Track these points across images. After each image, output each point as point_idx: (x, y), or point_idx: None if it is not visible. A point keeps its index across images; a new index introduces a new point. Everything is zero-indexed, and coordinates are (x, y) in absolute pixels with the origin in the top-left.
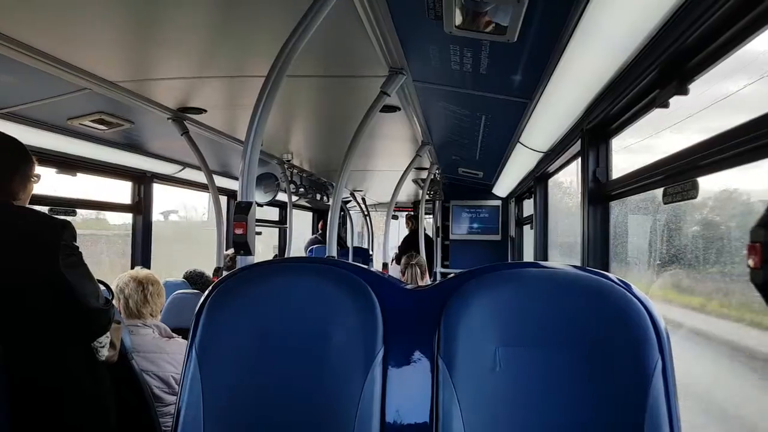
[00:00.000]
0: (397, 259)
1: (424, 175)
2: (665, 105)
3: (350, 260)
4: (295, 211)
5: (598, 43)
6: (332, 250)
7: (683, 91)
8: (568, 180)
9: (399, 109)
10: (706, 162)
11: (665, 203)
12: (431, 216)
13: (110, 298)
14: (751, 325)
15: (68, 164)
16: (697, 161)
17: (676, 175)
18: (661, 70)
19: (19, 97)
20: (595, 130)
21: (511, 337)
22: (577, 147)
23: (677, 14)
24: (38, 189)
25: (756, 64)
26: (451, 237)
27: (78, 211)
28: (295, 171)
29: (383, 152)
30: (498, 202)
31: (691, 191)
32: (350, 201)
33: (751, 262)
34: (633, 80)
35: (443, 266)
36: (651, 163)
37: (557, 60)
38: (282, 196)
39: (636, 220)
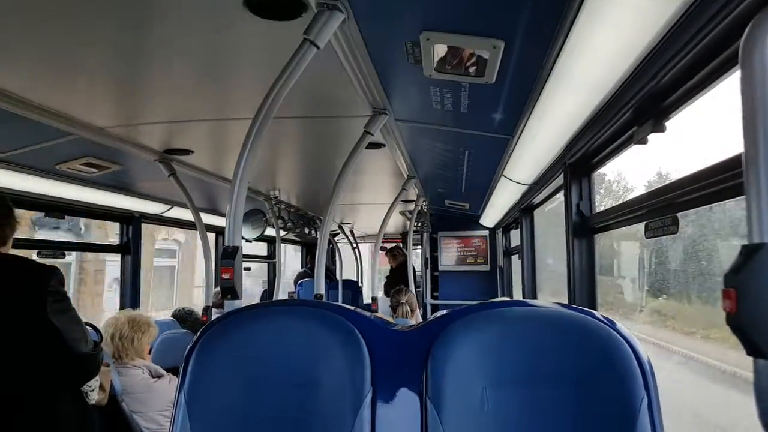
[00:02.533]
0: (386, 291)
1: (411, 207)
2: (643, 141)
3: (340, 293)
4: (284, 245)
5: (574, 85)
6: (320, 287)
7: (660, 129)
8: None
9: (383, 145)
10: (685, 199)
11: (647, 237)
12: (420, 247)
13: (99, 341)
14: None
15: (56, 207)
16: (676, 198)
17: (657, 210)
18: (636, 108)
19: (7, 144)
20: (576, 165)
21: (498, 377)
22: (560, 180)
23: (651, 55)
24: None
25: None
26: (440, 268)
27: None
28: (282, 206)
29: (370, 186)
30: (486, 233)
31: (671, 227)
32: (338, 233)
33: (725, 307)
34: (610, 118)
35: (432, 297)
36: (633, 198)
37: (536, 100)
38: (270, 231)
39: None
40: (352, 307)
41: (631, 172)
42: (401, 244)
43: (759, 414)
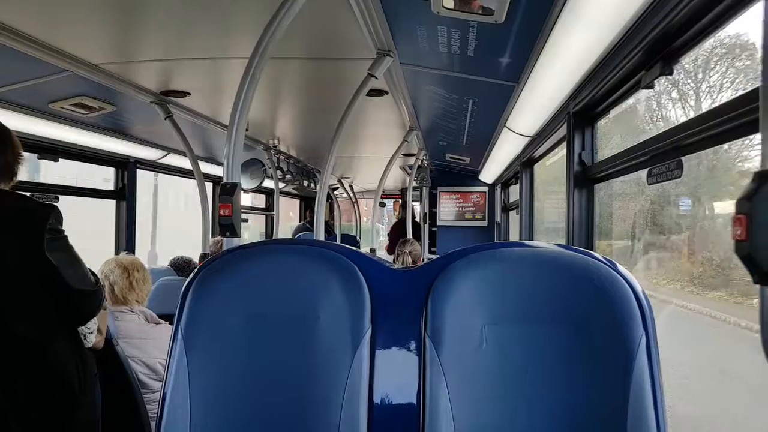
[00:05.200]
0: (389, 248)
1: (411, 161)
2: (650, 86)
3: None
4: (282, 199)
5: (584, 24)
6: (320, 236)
7: (668, 72)
8: None
9: (386, 92)
10: (690, 141)
11: (649, 183)
12: (419, 203)
13: (98, 281)
14: None
15: (50, 149)
16: (681, 140)
17: (661, 155)
18: (646, 50)
19: None
20: (581, 114)
21: (497, 315)
22: (563, 131)
23: None
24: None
25: None
26: (438, 223)
27: None
28: (281, 157)
29: (371, 138)
30: (485, 188)
31: (676, 171)
32: (338, 188)
33: (735, 234)
34: (619, 61)
35: (430, 252)
36: (635, 145)
37: (544, 42)
38: (269, 183)
39: None
40: (353, 248)
41: None
42: (400, 200)
43: (763, 343)
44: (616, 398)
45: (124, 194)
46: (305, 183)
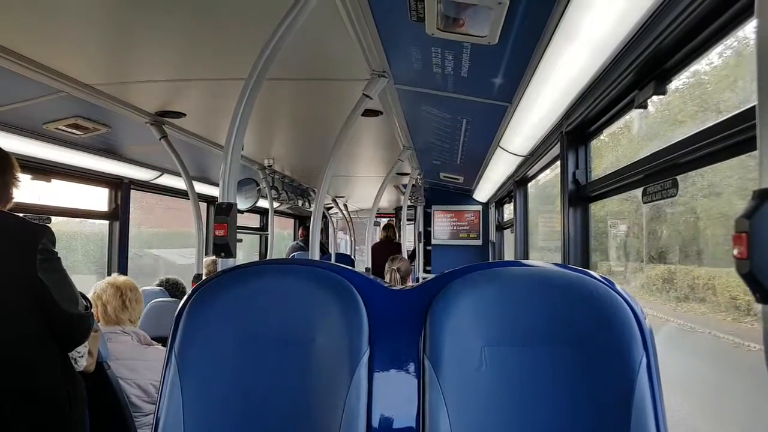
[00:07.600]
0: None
1: (405, 180)
2: (644, 106)
3: None
4: (275, 218)
5: (577, 45)
6: (315, 256)
7: (661, 92)
8: None
9: (381, 113)
10: (686, 160)
11: (645, 203)
12: (412, 222)
13: (89, 306)
14: None
15: (43, 170)
16: (676, 159)
17: (656, 174)
18: (639, 70)
19: None
20: (574, 133)
21: (496, 336)
22: (556, 150)
23: (655, 14)
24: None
25: None
26: (433, 242)
27: None
28: (276, 177)
29: (365, 157)
30: (479, 207)
31: (671, 189)
32: (332, 207)
33: (736, 253)
34: (612, 81)
35: (425, 271)
36: (630, 164)
37: (537, 62)
38: (263, 203)
39: None
40: (350, 267)
41: None
42: (394, 219)
43: (767, 363)
44: (617, 420)
45: (117, 215)
46: (300, 202)
